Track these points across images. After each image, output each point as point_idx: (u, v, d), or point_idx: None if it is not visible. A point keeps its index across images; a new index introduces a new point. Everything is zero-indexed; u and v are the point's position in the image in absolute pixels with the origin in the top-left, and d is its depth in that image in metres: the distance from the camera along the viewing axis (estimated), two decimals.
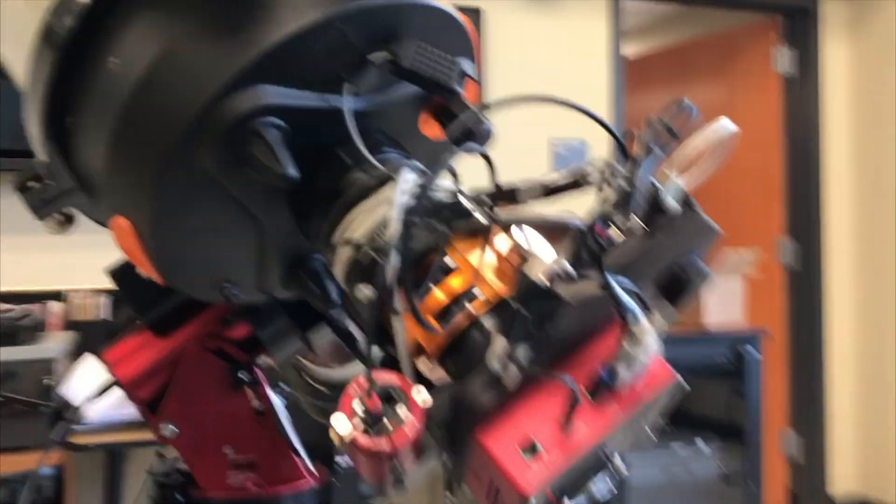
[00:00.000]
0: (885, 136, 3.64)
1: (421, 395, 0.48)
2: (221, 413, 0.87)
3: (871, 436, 3.73)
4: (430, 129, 0.64)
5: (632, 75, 3.58)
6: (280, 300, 0.80)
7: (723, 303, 2.62)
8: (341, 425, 0.46)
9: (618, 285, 0.47)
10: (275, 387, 0.99)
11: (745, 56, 3.87)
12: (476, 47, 0.66)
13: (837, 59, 3.77)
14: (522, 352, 0.48)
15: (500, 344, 0.47)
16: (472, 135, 0.62)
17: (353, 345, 0.78)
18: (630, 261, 0.53)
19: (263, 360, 0.93)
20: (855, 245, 3.79)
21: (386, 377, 0.48)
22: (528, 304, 0.46)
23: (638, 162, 0.46)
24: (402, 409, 0.47)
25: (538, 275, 0.46)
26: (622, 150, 0.46)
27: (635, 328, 0.47)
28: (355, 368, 0.88)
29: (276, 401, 0.93)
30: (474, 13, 3.03)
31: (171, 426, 0.84)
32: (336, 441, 0.47)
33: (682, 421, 3.03)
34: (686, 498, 2.75)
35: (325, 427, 0.53)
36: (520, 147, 2.79)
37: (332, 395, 1.20)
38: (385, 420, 0.47)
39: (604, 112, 3.31)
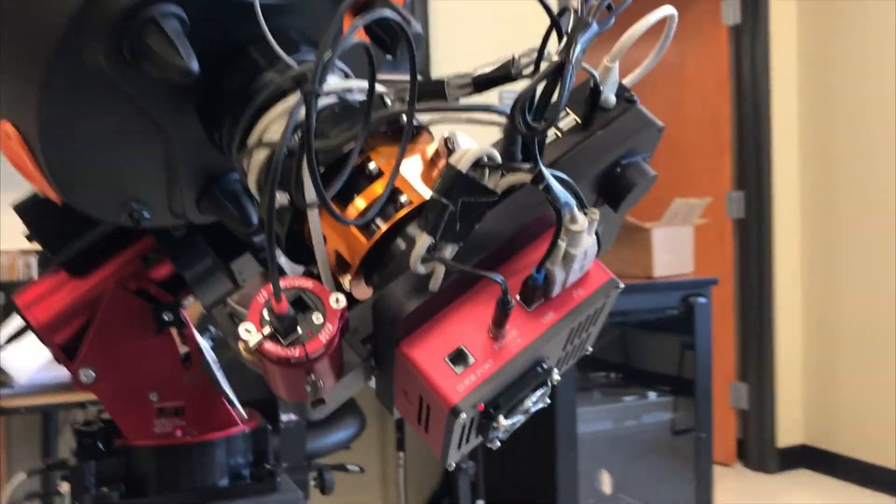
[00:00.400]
0: (832, 83, 3.66)
1: (338, 301, 0.43)
2: (145, 357, 0.82)
3: (817, 386, 3.80)
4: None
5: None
6: (200, 229, 0.75)
7: (673, 253, 2.61)
8: (248, 334, 0.42)
9: (552, 177, 0.42)
10: (204, 331, 0.94)
11: (693, 6, 3.85)
12: None
13: (785, 7, 3.77)
14: (449, 250, 0.44)
15: (423, 242, 0.42)
16: (398, 36, 0.57)
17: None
18: (566, 158, 0.49)
19: (190, 301, 0.88)
20: (802, 195, 3.82)
21: (299, 281, 0.44)
22: (454, 197, 0.42)
23: (572, 40, 0.41)
24: (317, 316, 0.43)
25: (465, 162, 0.41)
26: (556, 28, 0.42)
27: (571, 225, 0.43)
28: None
29: (204, 344, 0.88)
30: None
31: (90, 371, 0.79)
32: (243, 352, 0.42)
33: (633, 374, 3.04)
34: (637, 449, 2.77)
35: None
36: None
37: None
38: (298, 328, 0.43)
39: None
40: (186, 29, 0.51)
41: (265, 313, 0.42)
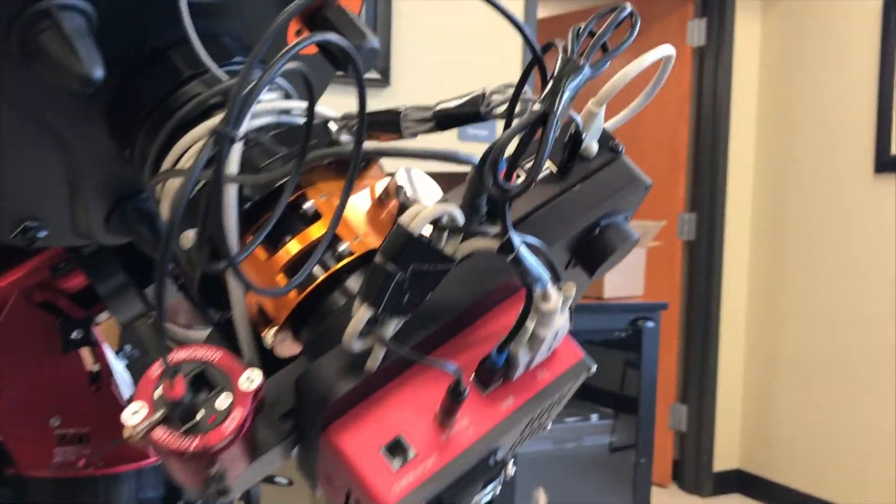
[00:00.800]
0: (791, 108, 3.67)
1: (251, 380, 0.35)
2: (48, 377, 0.74)
3: (756, 411, 3.81)
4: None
5: (543, 36, 3.48)
6: (114, 250, 0.66)
7: (624, 275, 2.57)
8: (134, 416, 0.33)
9: (523, 243, 0.35)
10: (118, 349, 0.85)
11: (658, 27, 3.83)
12: None
13: (750, 32, 3.77)
14: (393, 325, 0.36)
15: (362, 315, 0.35)
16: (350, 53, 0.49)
17: (197, 302, 0.64)
18: (539, 215, 0.42)
19: (104, 317, 0.79)
20: (753, 219, 3.83)
21: (203, 352, 0.35)
22: (403, 264, 0.34)
23: (560, 87, 0.34)
24: (223, 398, 0.35)
25: (418, 223, 0.33)
26: (540, 67, 0.34)
27: (542, 303, 0.36)
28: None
29: (117, 365, 0.80)
30: None
31: None
32: (126, 435, 0.34)
33: (576, 393, 3.00)
34: (575, 469, 2.72)
35: None
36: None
37: None
38: (199, 412, 0.34)
39: (517, 73, 3.20)
40: (93, 26, 0.42)
41: (158, 392, 0.34)
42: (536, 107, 0.33)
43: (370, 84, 2.77)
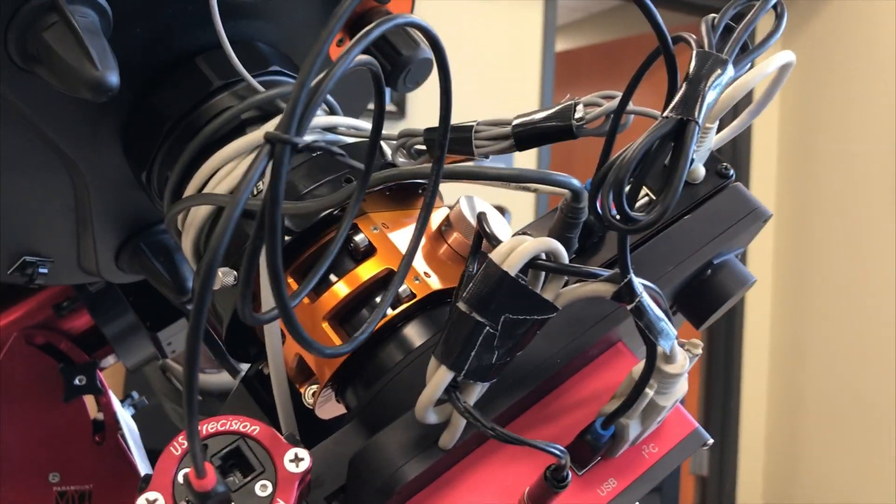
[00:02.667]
0: (810, 144, 3.61)
1: (298, 462, 0.27)
2: (47, 428, 0.68)
3: (780, 453, 3.70)
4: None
5: (559, 70, 3.43)
6: (122, 288, 0.59)
7: None
8: None
9: (643, 288, 0.27)
10: (125, 397, 0.78)
11: (677, 58, 3.79)
12: None
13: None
14: (476, 392, 0.28)
15: (441, 379, 0.27)
16: (400, 62, 0.42)
17: (218, 349, 0.57)
18: (641, 253, 0.34)
19: (109, 362, 0.72)
20: (776, 254, 3.75)
21: (239, 422, 0.28)
22: (495, 311, 0.26)
23: (700, 85, 0.26)
24: (262, 485, 0.27)
25: (514, 261, 0.26)
26: (670, 67, 0.27)
27: (665, 363, 0.28)
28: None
29: (124, 414, 0.73)
30: None
31: None
32: None
33: None
34: None
35: None
36: None
37: (205, 404, 0.98)
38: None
39: (534, 105, 3.15)
40: (108, 26, 0.35)
41: (181, 479, 0.26)
42: (669, 114, 0.26)
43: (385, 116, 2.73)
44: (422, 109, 2.85)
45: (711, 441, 0.34)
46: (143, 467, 0.69)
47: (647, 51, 0.29)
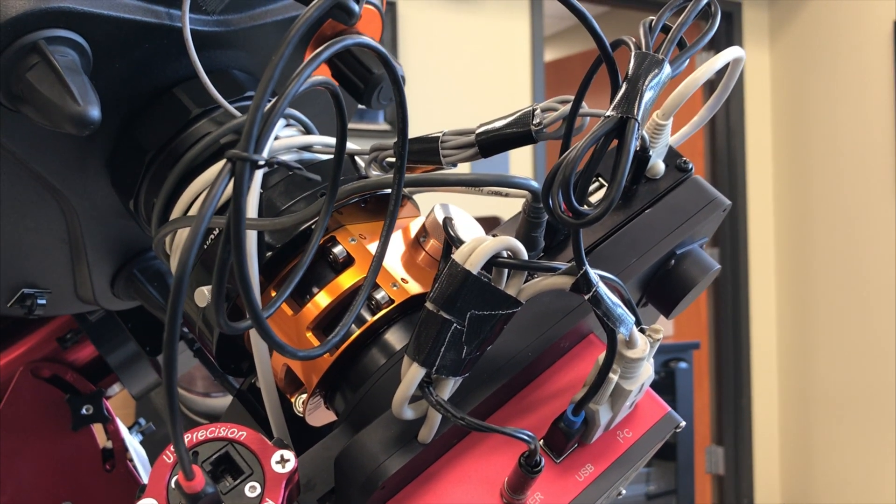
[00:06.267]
0: (805, 140, 3.62)
1: (284, 462, 0.29)
2: (57, 458, 0.69)
3: (794, 450, 3.69)
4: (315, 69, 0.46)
5: (549, 79, 3.45)
6: (121, 315, 0.61)
7: None
8: None
9: (600, 280, 0.29)
10: (132, 424, 0.80)
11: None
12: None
13: (759, 64, 3.74)
14: (450, 386, 0.30)
15: (414, 375, 0.29)
16: (372, 80, 0.44)
17: (217, 370, 0.58)
18: (606, 247, 0.36)
19: (115, 390, 0.74)
20: (777, 254, 3.75)
21: (227, 429, 0.30)
22: (461, 308, 0.28)
23: (638, 84, 0.28)
24: (251, 487, 0.29)
25: (476, 260, 0.28)
26: (609, 67, 0.29)
27: (627, 350, 0.30)
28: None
29: (132, 441, 0.74)
30: (388, 7, 2.85)
31: None
32: None
33: None
34: None
35: None
36: None
37: None
38: None
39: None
40: (88, 63, 0.37)
41: (174, 484, 0.28)
42: (610, 113, 0.27)
43: (378, 135, 2.75)
44: (414, 127, 2.87)
45: (684, 423, 0.35)
46: None
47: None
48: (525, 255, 0.29)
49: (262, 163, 0.22)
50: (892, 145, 3.23)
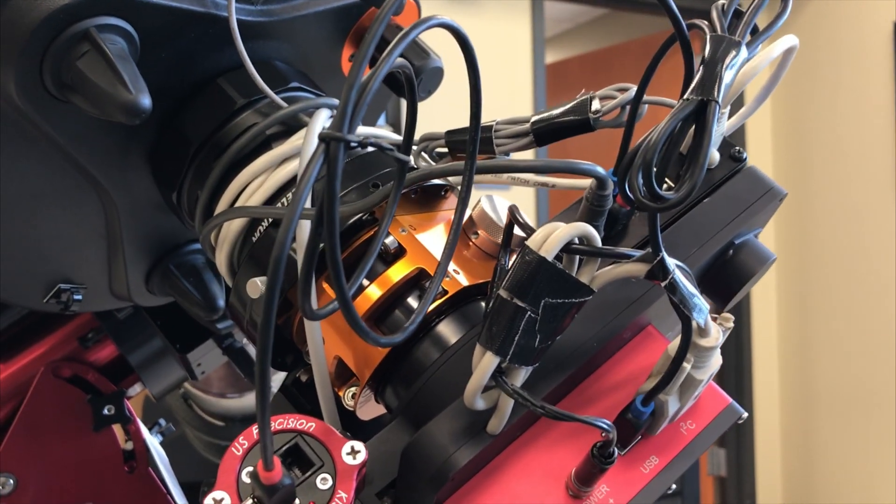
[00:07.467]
0: (805, 140, 3.62)
1: (355, 454, 0.28)
2: (78, 459, 0.68)
3: (796, 451, 3.69)
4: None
5: (550, 81, 3.45)
6: (150, 311, 0.60)
7: None
8: None
9: (674, 265, 0.28)
10: (153, 424, 0.79)
11: (666, 63, 3.81)
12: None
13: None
14: (522, 376, 0.29)
15: (488, 364, 0.28)
16: (415, 73, 0.44)
17: (248, 368, 0.58)
18: (665, 237, 0.36)
19: (136, 390, 0.73)
20: (777, 252, 3.76)
21: (295, 421, 0.29)
22: (535, 295, 0.28)
23: (716, 67, 0.28)
24: (323, 478, 0.28)
25: (551, 246, 0.27)
26: (685, 51, 0.28)
27: (700, 339, 0.29)
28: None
29: (153, 441, 0.73)
30: None
31: (9, 478, 0.65)
32: None
33: None
34: None
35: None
36: None
37: (228, 429, 0.98)
38: (297, 497, 0.28)
39: None
40: (136, 52, 0.36)
41: (245, 477, 0.27)
42: (689, 96, 0.27)
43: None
44: (421, 123, 2.87)
45: (746, 415, 0.35)
46: (175, 493, 0.70)
47: (633, 57, 0.30)
48: (599, 241, 0.29)
49: (354, 144, 0.21)
50: (892, 145, 3.24)
